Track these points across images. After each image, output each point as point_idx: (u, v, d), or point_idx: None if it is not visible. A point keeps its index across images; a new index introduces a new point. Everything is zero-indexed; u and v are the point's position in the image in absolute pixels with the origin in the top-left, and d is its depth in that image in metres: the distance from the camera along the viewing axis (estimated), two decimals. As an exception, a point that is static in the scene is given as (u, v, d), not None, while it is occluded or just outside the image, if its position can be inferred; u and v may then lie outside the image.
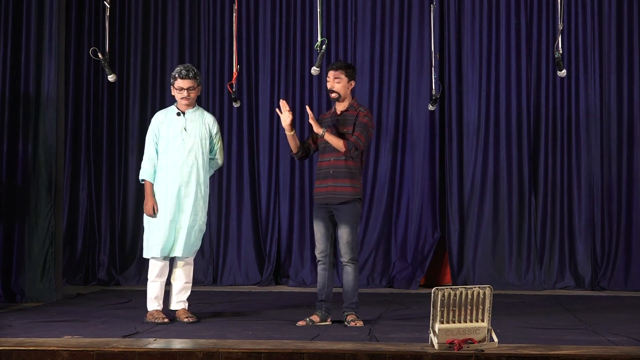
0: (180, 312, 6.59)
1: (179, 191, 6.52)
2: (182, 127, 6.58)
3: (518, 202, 9.20)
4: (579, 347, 5.22)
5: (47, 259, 7.80)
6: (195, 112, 6.68)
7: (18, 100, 7.88)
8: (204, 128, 6.65)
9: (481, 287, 5.17)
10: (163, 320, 6.44)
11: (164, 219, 6.51)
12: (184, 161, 6.54)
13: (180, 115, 6.61)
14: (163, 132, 6.60)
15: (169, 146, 6.56)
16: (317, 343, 5.45)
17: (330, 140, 6.35)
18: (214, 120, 6.76)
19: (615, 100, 9.12)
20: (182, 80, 6.54)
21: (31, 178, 7.82)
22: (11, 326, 6.22)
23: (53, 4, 7.86)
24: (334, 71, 6.46)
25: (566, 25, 9.10)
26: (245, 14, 9.51)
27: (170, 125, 6.60)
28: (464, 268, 9.20)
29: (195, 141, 6.59)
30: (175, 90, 6.60)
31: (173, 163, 6.54)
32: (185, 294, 6.65)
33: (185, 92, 6.56)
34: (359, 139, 6.34)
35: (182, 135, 6.56)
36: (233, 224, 9.51)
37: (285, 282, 9.39)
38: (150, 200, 6.54)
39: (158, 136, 6.60)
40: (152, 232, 6.55)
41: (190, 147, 6.56)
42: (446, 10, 9.34)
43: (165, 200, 6.53)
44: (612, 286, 8.96)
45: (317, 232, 6.47)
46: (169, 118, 6.64)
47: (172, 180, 6.53)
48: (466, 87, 9.33)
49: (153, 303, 6.59)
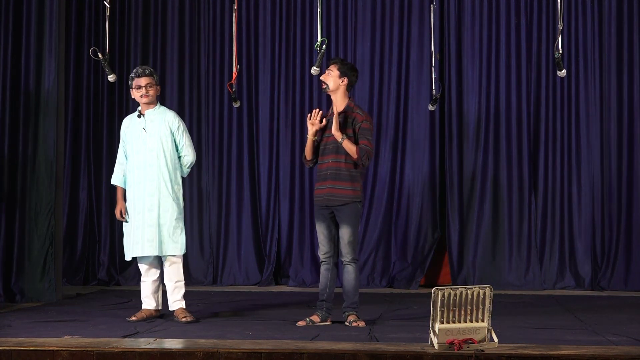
0: (177, 312, 6.60)
1: (144, 191, 6.60)
2: (142, 127, 6.68)
3: (518, 202, 9.20)
4: (579, 347, 5.22)
5: (47, 259, 7.80)
6: (156, 111, 6.74)
7: (18, 100, 7.88)
8: (164, 126, 6.69)
9: (481, 287, 5.17)
10: (141, 318, 6.54)
11: (134, 221, 6.62)
12: (147, 161, 6.63)
13: (140, 117, 6.71)
14: (128, 136, 6.74)
15: (133, 148, 6.69)
16: (317, 343, 5.45)
17: (347, 147, 6.33)
18: (175, 116, 6.77)
19: (615, 101, 9.12)
20: (138, 79, 6.65)
21: (31, 178, 7.82)
22: (11, 326, 6.22)
23: (53, 4, 7.86)
24: (329, 65, 6.52)
25: (566, 25, 9.10)
26: (245, 14, 9.51)
27: (134, 128, 6.72)
28: (464, 268, 9.20)
29: (156, 140, 6.65)
30: (135, 90, 6.69)
31: (137, 164, 6.65)
32: (179, 292, 6.65)
33: (143, 89, 6.65)
34: (368, 147, 6.36)
35: (143, 136, 6.66)
36: (233, 224, 9.52)
37: (285, 282, 9.39)
38: (118, 205, 6.70)
39: (125, 140, 6.76)
40: (127, 235, 6.69)
41: (152, 147, 6.64)
42: (446, 10, 9.34)
43: (134, 202, 6.63)
44: (612, 286, 8.95)
45: (319, 233, 6.48)
46: (132, 121, 6.76)
47: (138, 181, 6.64)
48: (466, 87, 9.33)
49: (143, 302, 6.72)
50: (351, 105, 6.48)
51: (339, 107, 6.48)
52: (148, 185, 6.61)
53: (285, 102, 9.53)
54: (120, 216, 6.68)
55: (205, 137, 9.59)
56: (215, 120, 9.60)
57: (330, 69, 6.48)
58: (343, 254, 6.39)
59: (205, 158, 9.58)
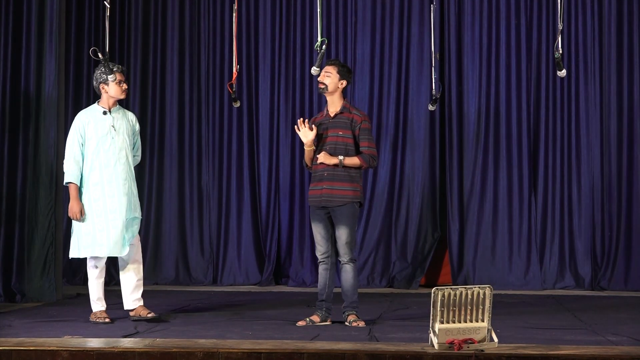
0: (139, 309, 6.59)
1: (117, 190, 6.50)
2: (110, 125, 6.58)
3: (518, 202, 9.20)
4: (579, 347, 5.22)
5: (47, 259, 7.80)
6: (119, 111, 6.71)
7: (18, 100, 7.88)
8: (129, 125, 6.69)
9: (481, 287, 5.17)
10: (105, 320, 6.45)
11: (105, 219, 6.47)
12: (117, 159, 6.55)
13: (106, 114, 6.62)
14: (90, 132, 6.56)
15: (100, 146, 6.54)
16: (317, 343, 5.45)
17: (350, 164, 6.33)
18: (135, 117, 6.82)
19: (616, 100, 9.12)
20: (121, 74, 6.63)
21: (31, 178, 7.82)
22: (11, 326, 6.22)
23: (53, 4, 7.86)
24: (327, 66, 6.50)
25: (566, 25, 9.10)
26: (245, 14, 9.51)
27: (98, 125, 6.57)
28: (464, 268, 9.20)
29: (124, 138, 6.62)
30: (115, 84, 6.57)
31: (106, 162, 6.53)
32: (140, 291, 6.65)
33: (124, 84, 6.64)
34: (371, 148, 6.37)
35: (112, 134, 6.58)
36: (233, 224, 9.52)
37: (285, 282, 9.39)
38: (77, 204, 6.47)
39: (84, 137, 6.56)
40: (92, 232, 6.47)
41: (121, 145, 6.58)
42: (446, 10, 9.34)
43: (104, 201, 6.49)
44: (612, 286, 8.95)
45: (316, 234, 6.45)
46: (94, 117, 6.60)
47: (107, 180, 6.51)
48: (466, 87, 9.33)
49: (96, 304, 6.58)
50: (347, 106, 6.47)
51: (335, 108, 6.46)
52: (121, 184, 6.51)
53: (285, 102, 9.53)
54: (81, 216, 6.47)
55: (205, 137, 9.59)
56: (215, 120, 9.60)
57: (328, 70, 6.45)
58: (341, 254, 6.37)
59: (205, 158, 9.58)
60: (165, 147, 9.60)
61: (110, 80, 6.57)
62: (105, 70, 6.56)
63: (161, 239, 9.55)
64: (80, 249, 6.54)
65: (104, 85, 6.60)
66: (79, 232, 6.54)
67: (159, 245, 9.54)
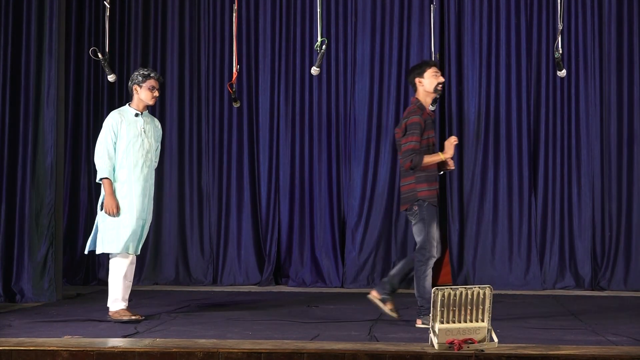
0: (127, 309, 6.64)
1: (143, 190, 6.62)
2: (142, 127, 6.70)
3: (518, 202, 9.20)
4: (579, 347, 5.22)
5: (47, 259, 7.80)
6: (148, 115, 6.84)
7: (18, 100, 7.88)
8: (157, 131, 6.85)
9: (481, 287, 5.17)
10: (131, 318, 6.48)
11: (130, 217, 6.56)
12: (144, 161, 6.66)
13: (138, 116, 6.71)
14: (123, 131, 6.65)
15: (130, 146, 6.63)
16: (317, 343, 5.45)
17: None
18: (160, 125, 6.99)
19: (615, 100, 9.12)
20: (155, 81, 6.70)
21: (31, 178, 7.82)
22: (11, 326, 6.23)
23: (53, 4, 7.86)
24: (437, 67, 6.69)
25: (566, 25, 9.09)
26: (245, 14, 9.51)
27: (130, 126, 6.68)
28: (464, 268, 9.20)
29: (151, 142, 6.75)
30: (147, 89, 6.67)
31: (135, 163, 6.63)
32: (128, 291, 6.69)
33: (156, 91, 6.72)
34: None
35: (142, 136, 6.68)
36: (233, 224, 9.52)
37: (285, 282, 9.39)
38: (113, 199, 6.54)
39: (117, 135, 6.65)
40: (119, 229, 6.54)
41: (148, 148, 6.71)
42: (446, 10, 9.34)
43: (131, 199, 6.59)
44: (612, 286, 8.95)
45: (436, 233, 6.49)
46: (127, 118, 6.70)
47: (135, 179, 6.61)
48: (466, 87, 9.33)
49: (121, 303, 6.62)
50: None
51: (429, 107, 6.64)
52: (147, 185, 6.66)
53: (285, 102, 9.53)
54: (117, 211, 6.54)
55: (205, 137, 9.59)
56: (215, 120, 9.60)
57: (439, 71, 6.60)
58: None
59: (205, 158, 9.58)
60: (165, 147, 9.58)
61: (144, 85, 6.66)
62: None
63: (161, 239, 9.54)
64: (104, 244, 6.63)
65: (137, 87, 6.70)
66: (106, 228, 6.60)
67: (159, 245, 9.54)
